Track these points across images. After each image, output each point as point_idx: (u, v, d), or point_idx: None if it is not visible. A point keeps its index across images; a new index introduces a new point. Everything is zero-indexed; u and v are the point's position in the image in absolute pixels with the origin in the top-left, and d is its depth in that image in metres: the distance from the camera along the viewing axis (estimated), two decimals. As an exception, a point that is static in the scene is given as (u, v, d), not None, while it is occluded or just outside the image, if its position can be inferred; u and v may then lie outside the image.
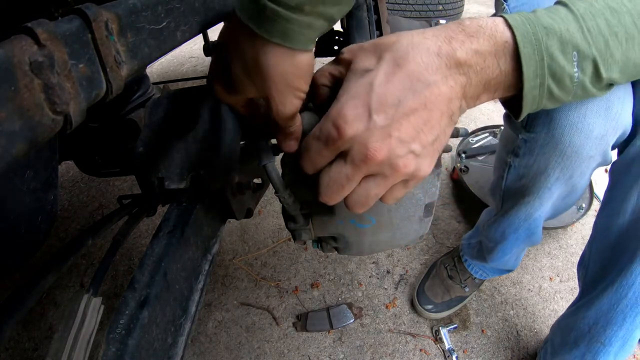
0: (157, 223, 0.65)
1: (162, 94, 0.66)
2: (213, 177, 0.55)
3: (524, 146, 0.63)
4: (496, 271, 1.04)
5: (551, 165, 0.61)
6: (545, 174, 0.63)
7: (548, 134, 0.57)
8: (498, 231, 0.85)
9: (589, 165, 0.61)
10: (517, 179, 0.70)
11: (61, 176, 1.60)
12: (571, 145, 0.56)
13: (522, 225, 0.78)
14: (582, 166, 0.60)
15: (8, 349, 1.06)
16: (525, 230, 0.80)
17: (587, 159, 0.58)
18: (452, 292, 1.06)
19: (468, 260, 1.06)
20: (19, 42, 0.23)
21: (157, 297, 0.43)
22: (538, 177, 0.64)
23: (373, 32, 0.52)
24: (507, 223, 0.80)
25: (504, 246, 0.87)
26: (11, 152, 0.22)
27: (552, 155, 0.59)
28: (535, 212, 0.73)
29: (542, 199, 0.69)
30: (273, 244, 1.29)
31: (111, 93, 0.31)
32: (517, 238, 0.83)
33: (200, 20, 0.49)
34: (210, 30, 0.61)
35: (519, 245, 0.87)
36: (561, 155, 0.58)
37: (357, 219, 0.54)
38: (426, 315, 1.05)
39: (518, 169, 0.68)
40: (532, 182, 0.66)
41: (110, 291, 1.17)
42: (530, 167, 0.64)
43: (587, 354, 0.70)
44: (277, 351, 1.02)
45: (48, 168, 0.47)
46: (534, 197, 0.69)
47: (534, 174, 0.65)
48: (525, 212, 0.74)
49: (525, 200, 0.71)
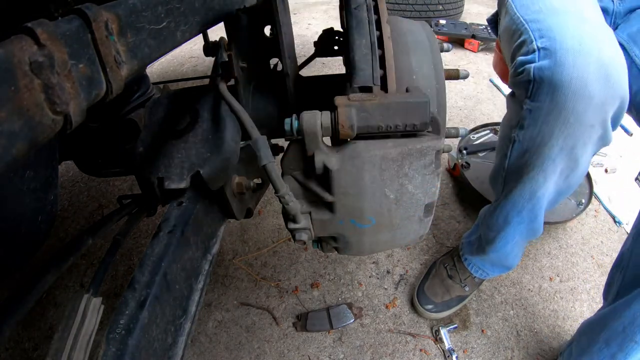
0: (157, 223, 0.65)
1: (162, 94, 0.66)
2: (213, 177, 0.55)
3: (528, 117, 0.65)
4: (496, 267, 1.03)
5: (555, 134, 0.63)
6: (549, 145, 0.65)
7: (552, 101, 0.60)
8: (501, 216, 0.84)
9: (590, 136, 0.63)
10: (521, 154, 0.71)
11: (61, 176, 1.60)
12: (574, 112, 0.59)
13: (526, 206, 0.78)
14: (584, 135, 0.63)
15: (8, 349, 1.06)
16: (529, 213, 0.80)
17: (588, 127, 0.62)
18: (452, 292, 1.06)
19: (468, 258, 1.06)
20: (19, 42, 0.23)
21: (157, 297, 0.43)
22: (542, 149, 0.66)
23: (373, 32, 0.52)
24: (510, 205, 0.80)
25: (506, 233, 0.86)
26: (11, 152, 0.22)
27: (556, 123, 0.62)
28: (539, 189, 0.73)
29: (546, 172, 0.70)
30: (273, 244, 1.29)
31: (111, 93, 0.31)
32: (520, 222, 0.82)
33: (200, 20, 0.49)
34: (210, 30, 0.62)
35: (521, 232, 0.86)
36: (564, 122, 0.61)
37: (357, 219, 0.54)
38: (426, 315, 1.05)
39: (522, 142, 0.70)
40: (536, 154, 0.68)
41: (110, 291, 1.16)
42: (535, 139, 0.66)
43: (619, 353, 0.71)
44: (277, 351, 1.02)
45: (48, 168, 0.47)
46: (537, 171, 0.70)
47: (537, 145, 0.67)
48: (529, 189, 0.74)
49: (530, 176, 0.72)
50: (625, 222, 1.31)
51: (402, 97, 0.46)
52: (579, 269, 1.17)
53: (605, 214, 1.35)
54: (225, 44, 0.60)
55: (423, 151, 0.48)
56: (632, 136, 1.69)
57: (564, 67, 0.57)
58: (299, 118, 0.47)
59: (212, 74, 0.58)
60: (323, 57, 0.70)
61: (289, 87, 0.63)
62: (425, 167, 0.50)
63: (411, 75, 0.54)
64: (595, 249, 1.23)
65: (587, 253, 1.22)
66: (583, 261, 1.20)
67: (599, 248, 1.23)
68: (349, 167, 0.48)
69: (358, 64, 0.50)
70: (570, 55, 0.57)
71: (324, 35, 0.68)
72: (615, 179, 1.49)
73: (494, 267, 1.02)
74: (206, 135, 0.57)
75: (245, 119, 0.49)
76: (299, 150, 0.50)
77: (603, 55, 0.57)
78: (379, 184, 0.50)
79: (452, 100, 1.96)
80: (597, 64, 0.57)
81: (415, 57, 0.56)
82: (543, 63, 0.59)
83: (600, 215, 1.35)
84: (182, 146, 0.57)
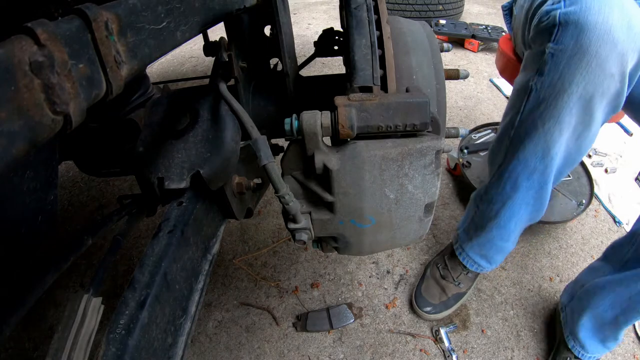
0: (157, 223, 0.65)
1: (162, 94, 0.66)
2: (213, 177, 0.55)
3: (550, 61, 0.67)
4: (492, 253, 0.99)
5: (576, 79, 0.64)
6: (569, 91, 0.66)
7: (576, 44, 0.62)
8: (509, 183, 0.82)
9: (609, 86, 0.65)
10: (537, 104, 0.71)
11: (61, 176, 1.60)
12: (597, 56, 0.61)
13: (539, 167, 0.77)
14: (604, 84, 0.64)
15: (8, 349, 1.06)
16: (539, 178, 0.78)
17: (609, 76, 0.63)
18: (448, 291, 1.06)
19: (464, 248, 1.03)
20: (19, 42, 0.23)
21: (157, 297, 0.43)
22: (561, 96, 0.67)
23: (373, 32, 0.51)
24: (521, 167, 0.79)
25: (514, 202, 0.84)
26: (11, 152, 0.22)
27: (578, 68, 0.63)
28: (554, 145, 0.73)
29: (562, 125, 0.70)
30: (273, 244, 1.29)
31: (111, 93, 0.31)
32: (530, 187, 0.80)
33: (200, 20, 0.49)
34: (210, 30, 0.62)
35: (527, 203, 0.84)
36: (587, 67, 0.63)
37: (357, 219, 0.54)
38: (426, 317, 1.05)
39: (540, 91, 0.70)
40: (554, 102, 0.68)
41: (110, 291, 1.16)
42: (555, 85, 0.67)
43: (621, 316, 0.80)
44: (277, 351, 1.02)
45: (48, 168, 0.47)
46: (554, 122, 0.70)
47: (557, 92, 0.67)
48: (543, 144, 0.74)
49: (545, 129, 0.72)
50: (625, 222, 1.31)
51: (402, 97, 0.46)
52: (579, 269, 1.17)
53: (605, 214, 1.35)
54: (225, 44, 0.60)
55: (423, 151, 0.48)
56: (632, 136, 1.69)
57: (590, 12, 0.60)
58: (299, 118, 0.47)
59: (212, 74, 0.58)
60: (323, 57, 0.70)
61: (289, 87, 0.63)
62: (425, 167, 0.50)
63: (411, 75, 0.54)
64: (595, 249, 1.23)
65: (587, 253, 1.22)
66: (583, 261, 1.20)
67: (599, 248, 1.23)
68: (349, 167, 0.48)
69: (358, 64, 0.50)
70: (596, 2, 0.60)
71: (324, 35, 0.68)
72: (615, 179, 1.49)
73: (489, 253, 0.99)
74: (206, 135, 0.57)
75: (245, 119, 0.49)
76: (299, 150, 0.50)
77: (626, 7, 0.60)
78: (379, 184, 0.50)
79: (452, 100, 1.96)
80: (621, 11, 0.59)
81: (415, 57, 0.56)
82: (569, 9, 0.62)
83: (600, 215, 1.35)
84: (182, 146, 0.57)
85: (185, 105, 0.61)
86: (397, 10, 2.58)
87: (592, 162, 1.56)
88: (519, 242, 1.24)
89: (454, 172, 1.48)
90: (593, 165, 1.54)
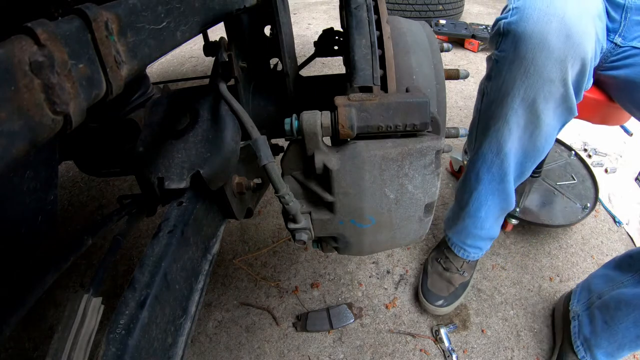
0: (157, 223, 0.65)
1: (162, 94, 0.66)
2: (213, 177, 0.55)
3: (495, 67, 0.73)
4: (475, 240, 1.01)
5: (516, 84, 0.69)
6: (512, 94, 0.71)
7: (515, 51, 0.67)
8: (473, 174, 0.88)
9: (550, 91, 0.69)
10: (489, 105, 0.77)
11: (61, 176, 1.60)
12: (534, 62, 0.66)
13: (495, 161, 0.82)
14: (544, 89, 0.68)
15: (8, 349, 1.06)
16: (499, 170, 0.83)
17: (548, 82, 0.67)
18: (455, 282, 1.06)
19: (451, 237, 1.06)
20: (19, 42, 0.23)
21: (157, 297, 0.43)
22: (505, 99, 0.73)
23: (373, 32, 0.51)
24: (480, 161, 0.85)
25: (479, 193, 0.89)
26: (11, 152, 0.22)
27: (518, 73, 0.68)
28: (505, 143, 0.78)
29: (510, 124, 0.75)
30: (273, 244, 1.29)
31: (111, 93, 0.31)
32: (491, 179, 0.86)
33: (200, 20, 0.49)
34: (210, 30, 0.62)
35: (492, 192, 0.88)
36: (525, 72, 0.67)
37: (357, 219, 0.54)
38: (440, 311, 1.04)
39: (489, 94, 0.76)
40: (501, 105, 0.74)
41: (110, 291, 1.16)
42: (500, 88, 0.73)
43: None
44: (277, 351, 1.02)
45: (48, 168, 0.47)
46: (502, 123, 0.76)
47: (502, 95, 0.73)
48: (496, 142, 0.79)
49: (495, 128, 0.77)
50: (625, 222, 1.32)
51: (402, 97, 0.46)
52: (579, 269, 1.17)
53: (605, 214, 1.35)
54: (225, 44, 0.60)
55: (423, 151, 0.48)
56: (632, 136, 1.69)
57: (528, 22, 0.64)
58: (299, 118, 0.47)
59: (212, 74, 0.58)
60: (323, 57, 0.70)
61: (289, 87, 0.63)
62: (425, 167, 0.50)
63: (411, 75, 0.54)
64: (595, 249, 1.23)
65: (587, 253, 1.22)
66: (583, 261, 1.20)
67: (599, 248, 1.23)
68: (349, 167, 0.48)
69: (358, 64, 0.50)
70: (536, 12, 0.64)
71: (324, 35, 0.69)
72: (615, 179, 1.49)
73: (468, 241, 1.03)
74: (206, 135, 0.57)
75: (245, 119, 0.49)
76: (299, 150, 0.50)
77: (567, 16, 0.62)
78: (379, 184, 0.50)
79: (452, 100, 1.96)
80: (560, 22, 0.62)
81: (415, 57, 0.56)
82: (512, 19, 0.66)
83: (600, 215, 1.35)
84: (182, 146, 0.57)
85: (185, 105, 0.61)
86: (397, 10, 2.58)
87: (592, 162, 1.56)
88: (519, 242, 1.25)
89: (459, 175, 1.48)
90: (593, 166, 1.53)
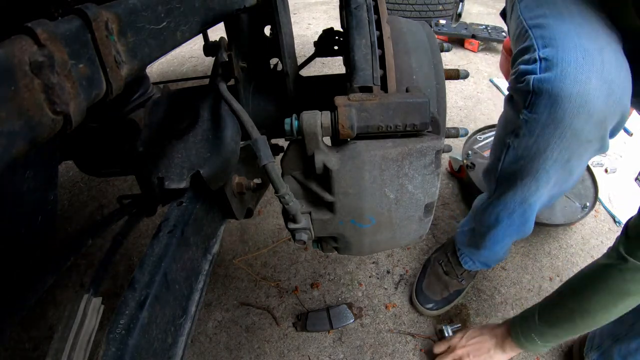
0: (157, 223, 0.65)
1: (162, 94, 0.66)
2: (213, 177, 0.55)
3: (524, 127, 0.64)
4: (486, 262, 1.03)
5: (550, 147, 0.62)
6: (544, 156, 0.64)
7: (550, 115, 0.58)
8: (492, 215, 0.84)
9: (587, 149, 0.63)
10: (515, 160, 0.70)
11: (61, 176, 1.60)
12: (571, 128, 0.58)
13: (517, 209, 0.78)
14: (581, 149, 0.62)
15: (8, 349, 1.06)
16: (520, 217, 0.80)
17: (585, 143, 0.61)
18: (451, 287, 1.06)
19: (461, 249, 1.05)
20: (19, 42, 0.23)
21: (157, 297, 0.43)
22: (537, 159, 0.65)
23: (373, 32, 0.51)
24: (502, 206, 0.80)
25: (497, 231, 0.87)
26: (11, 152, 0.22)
27: (552, 137, 0.61)
28: (532, 196, 0.73)
29: (539, 181, 0.69)
30: (273, 244, 1.29)
31: (111, 93, 0.31)
32: (510, 224, 0.83)
33: (200, 20, 0.49)
34: (210, 30, 0.62)
35: (511, 233, 0.86)
36: (561, 137, 0.60)
37: (357, 219, 0.54)
38: (428, 313, 1.05)
39: (517, 150, 0.68)
40: (530, 163, 0.67)
41: (110, 291, 1.16)
42: (530, 149, 0.65)
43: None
44: (277, 351, 1.02)
45: (48, 168, 0.47)
46: (530, 179, 0.70)
47: (532, 155, 0.66)
48: (521, 195, 0.74)
49: (523, 183, 0.71)
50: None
51: (402, 97, 0.46)
52: (578, 269, 1.17)
53: (605, 214, 1.35)
54: (225, 44, 0.60)
55: (423, 151, 0.48)
56: (632, 136, 1.69)
57: (565, 82, 0.55)
58: (299, 118, 0.47)
59: (212, 74, 0.58)
60: (323, 57, 0.70)
61: (289, 87, 0.63)
62: (425, 167, 0.50)
63: (411, 75, 0.54)
64: (595, 249, 1.23)
65: (587, 253, 1.22)
66: (583, 261, 1.20)
67: (599, 248, 1.23)
68: (349, 167, 0.48)
69: (358, 64, 0.50)
70: (572, 69, 0.55)
71: (324, 35, 0.68)
72: (615, 179, 1.49)
73: (481, 260, 1.03)
74: (206, 135, 0.57)
75: (245, 119, 0.49)
76: (299, 150, 0.50)
77: (606, 69, 0.55)
78: (379, 184, 0.50)
79: (452, 100, 1.96)
80: (600, 78, 0.55)
81: (415, 57, 0.56)
82: (544, 75, 0.57)
83: (600, 215, 1.35)
84: (182, 146, 0.57)
85: (185, 105, 0.61)
86: (397, 10, 2.58)
87: (592, 162, 1.55)
88: (519, 242, 1.25)
89: (459, 175, 1.48)
90: (593, 165, 1.53)
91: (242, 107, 0.51)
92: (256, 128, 0.49)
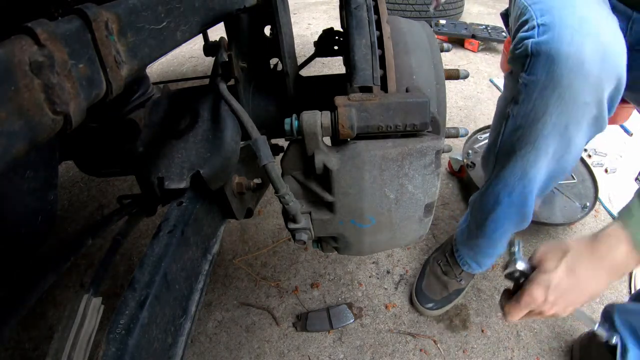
0: (157, 223, 0.65)
1: (162, 94, 0.66)
2: (213, 177, 0.55)
3: (523, 91, 0.66)
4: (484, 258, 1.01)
5: (549, 110, 0.64)
6: (542, 120, 0.65)
7: (548, 76, 0.61)
8: (492, 196, 0.83)
9: (584, 115, 0.64)
10: (514, 130, 0.71)
11: (61, 176, 1.60)
12: (569, 88, 0.60)
13: (517, 186, 0.77)
14: (578, 114, 0.64)
15: (8, 349, 1.06)
16: (520, 195, 0.79)
17: (583, 105, 0.62)
18: (450, 287, 1.06)
19: (460, 250, 1.04)
20: (19, 42, 0.23)
21: (157, 297, 0.43)
22: (535, 125, 0.67)
23: (373, 32, 0.51)
24: (502, 185, 0.80)
25: (497, 215, 0.86)
26: (11, 152, 0.22)
27: (550, 99, 0.62)
28: (531, 168, 0.73)
29: (538, 151, 0.70)
30: (273, 244, 1.29)
31: (111, 93, 0.31)
32: (510, 204, 0.81)
33: (200, 20, 0.49)
34: (210, 30, 0.62)
35: (510, 215, 0.85)
36: (559, 98, 0.62)
37: (357, 219, 0.54)
38: (428, 313, 1.05)
39: (516, 118, 0.70)
40: (529, 130, 0.68)
41: (110, 291, 1.16)
42: (528, 114, 0.67)
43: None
44: (277, 351, 1.02)
45: (48, 168, 0.47)
46: (529, 149, 0.70)
47: (531, 121, 0.67)
48: (521, 168, 0.74)
49: (521, 154, 0.72)
50: (625, 222, 1.31)
51: (402, 97, 0.46)
52: (579, 269, 1.17)
53: (605, 214, 1.35)
54: (225, 44, 0.60)
55: (423, 151, 0.48)
56: (632, 136, 1.69)
57: (562, 43, 0.58)
58: (299, 118, 0.47)
59: (212, 74, 0.58)
60: (323, 57, 0.70)
61: (289, 87, 0.63)
62: (425, 167, 0.50)
63: (411, 75, 0.54)
64: (595, 249, 1.23)
65: (587, 253, 1.22)
66: (583, 261, 1.19)
67: (599, 248, 1.23)
68: (349, 167, 0.48)
69: (358, 64, 0.50)
70: (569, 32, 0.57)
71: (324, 35, 0.69)
72: (615, 179, 1.49)
73: (478, 257, 1.01)
74: (206, 135, 0.57)
75: (245, 119, 0.49)
76: (299, 150, 0.50)
77: (602, 35, 0.58)
78: (379, 184, 0.50)
79: (452, 100, 1.96)
80: (595, 43, 0.57)
81: (415, 57, 0.56)
82: (542, 38, 0.60)
83: (600, 215, 1.35)
84: (182, 146, 0.57)
85: (185, 105, 0.61)
86: (397, 10, 2.58)
87: (592, 162, 1.55)
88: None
89: (459, 175, 1.48)
90: (593, 166, 1.53)
91: (242, 107, 0.51)
92: (256, 128, 0.49)
